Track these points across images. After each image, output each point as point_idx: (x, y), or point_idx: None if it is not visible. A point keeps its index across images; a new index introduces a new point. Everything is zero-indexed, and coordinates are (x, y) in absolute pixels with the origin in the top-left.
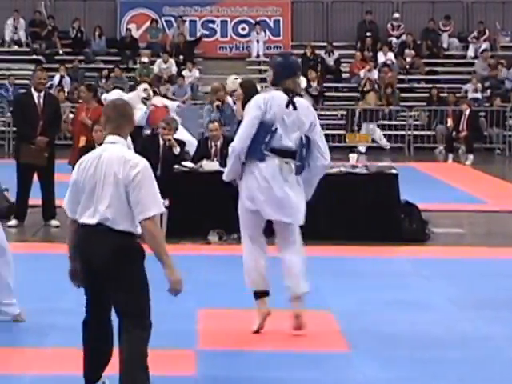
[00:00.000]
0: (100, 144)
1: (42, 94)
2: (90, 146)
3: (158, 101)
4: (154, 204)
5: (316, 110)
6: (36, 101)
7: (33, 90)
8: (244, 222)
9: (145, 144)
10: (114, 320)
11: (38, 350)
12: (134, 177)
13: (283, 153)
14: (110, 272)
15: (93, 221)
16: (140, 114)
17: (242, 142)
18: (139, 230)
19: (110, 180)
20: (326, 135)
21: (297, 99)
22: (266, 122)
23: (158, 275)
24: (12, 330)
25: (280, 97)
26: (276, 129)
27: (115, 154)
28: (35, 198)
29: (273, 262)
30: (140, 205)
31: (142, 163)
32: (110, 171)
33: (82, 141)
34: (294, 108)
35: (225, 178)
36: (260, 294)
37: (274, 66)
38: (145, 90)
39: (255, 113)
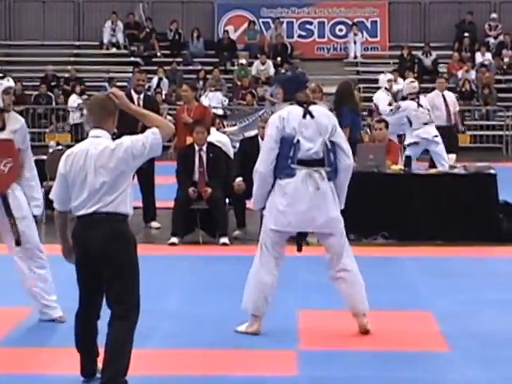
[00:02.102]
0: (200, 144)
1: (141, 96)
2: (189, 146)
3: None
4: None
5: None
6: (135, 102)
7: (132, 91)
8: (264, 240)
9: (244, 145)
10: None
11: (140, 351)
12: (124, 152)
13: (311, 162)
14: (106, 256)
15: (89, 211)
16: None
17: (266, 164)
18: (131, 212)
19: (102, 171)
20: None
21: (312, 107)
22: (286, 136)
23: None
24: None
25: (296, 110)
26: (298, 141)
27: (101, 146)
28: (136, 200)
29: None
30: (146, 134)
31: (121, 140)
32: (100, 163)
33: (189, 140)
34: (312, 116)
35: (253, 206)
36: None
37: (283, 83)
38: None
39: (273, 134)
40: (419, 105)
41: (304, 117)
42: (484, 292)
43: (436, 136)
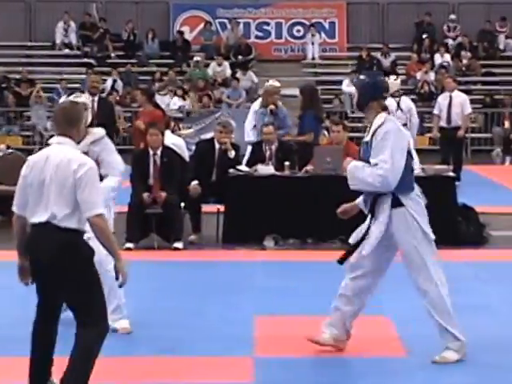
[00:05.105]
0: (155, 148)
1: (95, 98)
2: (143, 150)
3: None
4: (101, 203)
5: None
6: (89, 105)
7: (87, 93)
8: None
9: (200, 148)
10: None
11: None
12: (82, 176)
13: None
14: (58, 269)
15: (42, 219)
16: None
17: (398, 174)
18: (86, 227)
19: (58, 180)
20: None
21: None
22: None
23: (217, 281)
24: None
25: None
26: (410, 151)
27: (62, 154)
28: None
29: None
30: (88, 203)
31: (89, 163)
32: (58, 171)
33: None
34: None
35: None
36: None
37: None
38: None
39: (405, 142)
40: (399, 106)
41: None
42: None
43: None
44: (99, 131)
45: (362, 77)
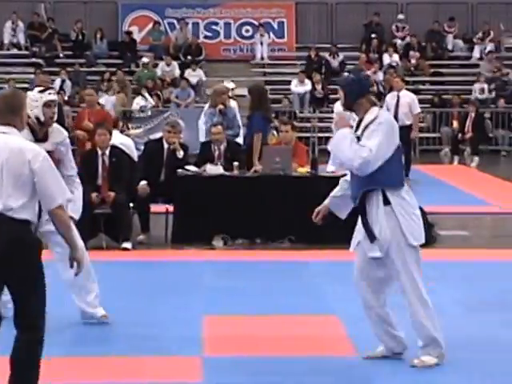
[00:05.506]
0: (103, 148)
1: None
2: (92, 150)
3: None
4: (61, 192)
5: (321, 112)
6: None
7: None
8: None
9: (149, 147)
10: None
11: (43, 360)
12: (39, 167)
13: None
14: (4, 262)
15: None
16: None
17: (377, 164)
18: (35, 219)
19: (12, 170)
20: (329, 138)
21: None
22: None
23: (165, 281)
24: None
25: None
26: (399, 145)
27: (11, 144)
28: None
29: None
30: (48, 196)
31: (42, 152)
32: (10, 161)
33: (88, 146)
34: None
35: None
36: None
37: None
38: None
39: (397, 139)
40: None
41: None
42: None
43: None
44: (64, 131)
45: (345, 75)
